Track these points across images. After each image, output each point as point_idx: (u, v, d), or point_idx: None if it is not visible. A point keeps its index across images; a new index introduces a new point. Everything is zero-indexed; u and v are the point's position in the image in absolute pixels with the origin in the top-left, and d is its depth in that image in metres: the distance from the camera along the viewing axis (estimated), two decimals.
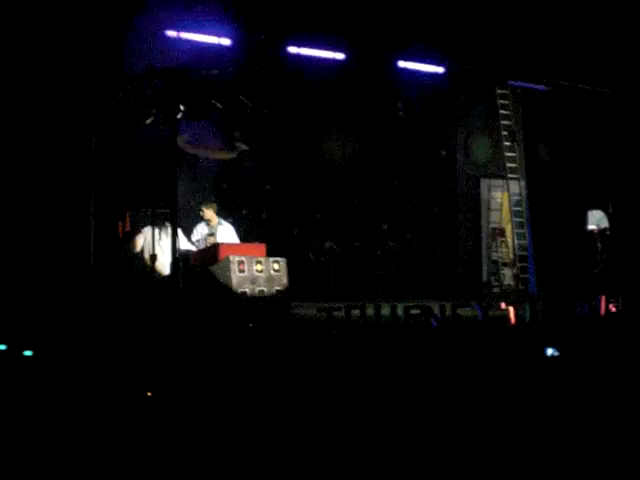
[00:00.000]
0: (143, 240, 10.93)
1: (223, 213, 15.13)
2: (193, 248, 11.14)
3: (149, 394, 7.01)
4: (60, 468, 5.42)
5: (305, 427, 6.46)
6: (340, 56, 14.76)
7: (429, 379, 8.47)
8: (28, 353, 7.90)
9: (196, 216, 11.64)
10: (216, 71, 9.81)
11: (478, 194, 18.96)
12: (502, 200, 18.99)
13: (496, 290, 18.61)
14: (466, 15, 14.03)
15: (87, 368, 7.91)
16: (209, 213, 11.31)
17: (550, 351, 9.92)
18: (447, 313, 10.92)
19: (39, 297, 9.54)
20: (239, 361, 8.65)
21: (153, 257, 9.90)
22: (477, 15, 14.05)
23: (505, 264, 18.82)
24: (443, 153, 18.46)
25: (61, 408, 6.72)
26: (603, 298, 11.94)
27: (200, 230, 11.25)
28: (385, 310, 10.78)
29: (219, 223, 11.30)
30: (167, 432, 6.19)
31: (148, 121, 10.16)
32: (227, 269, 9.88)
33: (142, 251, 11.04)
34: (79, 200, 10.16)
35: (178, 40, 12.82)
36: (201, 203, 11.59)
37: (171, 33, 12.81)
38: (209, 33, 13.10)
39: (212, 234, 11.16)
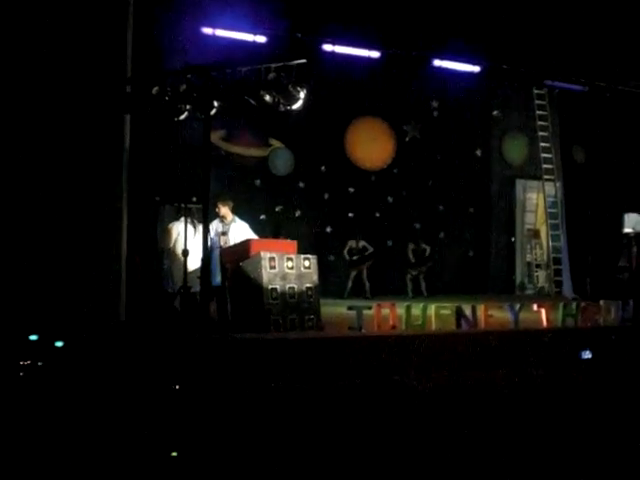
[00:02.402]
0: (176, 235, 10.97)
1: (256, 210, 15.24)
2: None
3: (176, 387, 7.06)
4: (84, 450, 5.49)
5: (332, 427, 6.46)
6: (375, 54, 14.72)
7: (461, 378, 8.43)
8: (59, 344, 7.99)
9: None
10: (250, 68, 9.80)
11: (513, 195, 18.83)
12: (537, 201, 18.83)
13: (529, 292, 18.46)
14: (503, 14, 13.90)
15: (116, 359, 7.98)
16: (224, 210, 11.18)
17: (585, 354, 9.84)
18: (478, 314, 10.84)
19: (71, 288, 9.63)
20: (265, 357, 8.67)
21: (185, 252, 9.92)
22: (514, 14, 13.92)
23: (539, 266, 18.65)
24: (478, 153, 18.34)
25: (89, 397, 6.79)
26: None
27: (215, 227, 11.16)
28: (416, 310, 10.72)
29: (233, 220, 11.19)
30: (192, 423, 6.23)
31: (182, 117, 10.20)
32: (258, 265, 9.86)
33: (174, 246, 11.08)
34: (112, 194, 10.23)
35: (213, 37, 12.89)
36: (217, 199, 11.35)
37: (207, 30, 12.87)
38: (244, 30, 13.15)
39: (225, 232, 11.06)
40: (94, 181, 10.02)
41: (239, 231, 11.06)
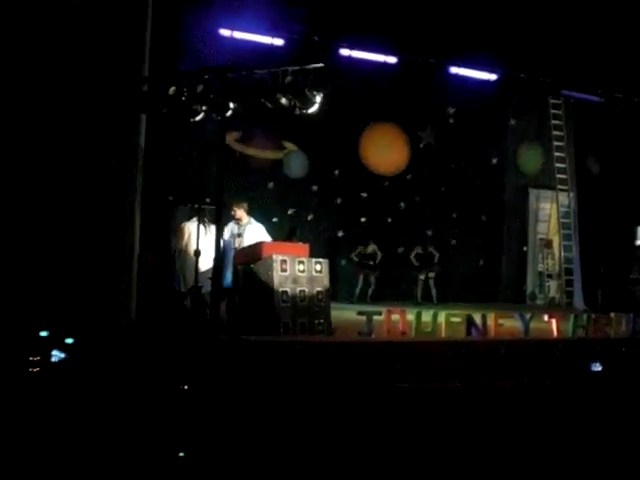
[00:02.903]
0: (187, 235, 11.01)
1: (269, 212, 15.26)
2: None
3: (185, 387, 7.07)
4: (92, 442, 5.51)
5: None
6: (392, 60, 14.71)
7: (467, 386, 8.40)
8: (69, 341, 8.02)
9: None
10: (267, 71, 9.81)
11: (526, 204, 18.78)
12: (550, 211, 18.77)
13: (540, 302, 18.40)
14: (521, 23, 13.88)
15: (125, 357, 7.99)
16: (240, 212, 11.22)
17: (594, 366, 9.80)
18: (488, 322, 10.81)
19: (83, 286, 9.65)
20: (274, 360, 8.68)
21: (197, 252, 9.94)
22: (532, 24, 13.89)
23: (550, 276, 18.58)
24: (492, 161, 18.31)
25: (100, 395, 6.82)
26: None
27: (230, 229, 11.19)
28: (426, 317, 10.70)
29: (248, 222, 11.22)
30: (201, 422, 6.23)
31: (198, 118, 10.22)
32: (269, 268, 9.86)
33: (185, 246, 11.10)
34: (126, 193, 10.24)
35: (231, 39, 12.91)
36: (232, 201, 11.39)
37: (225, 32, 12.89)
38: (262, 33, 13.17)
39: (240, 234, 11.07)
40: (108, 179, 10.04)
41: (254, 233, 11.08)
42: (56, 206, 9.78)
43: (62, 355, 7.91)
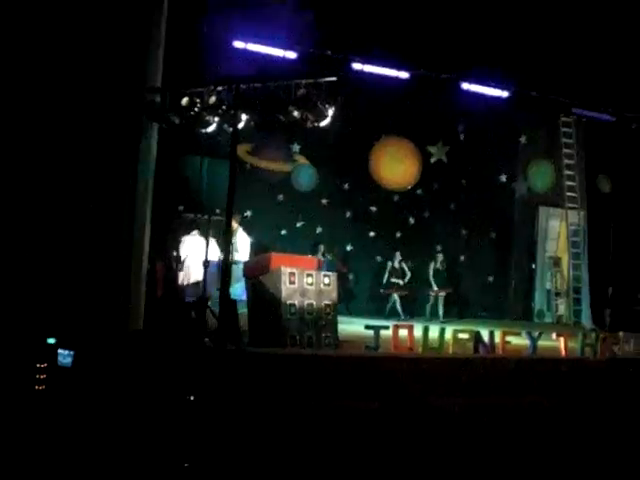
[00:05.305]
0: (186, 248, 11.01)
1: (278, 225, 15.32)
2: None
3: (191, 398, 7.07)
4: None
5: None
6: (404, 75, 14.74)
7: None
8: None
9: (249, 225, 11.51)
10: (280, 83, 9.85)
11: (536, 222, 18.73)
12: (560, 229, 18.73)
13: (548, 320, 18.33)
14: (534, 41, 13.91)
15: (131, 367, 8.00)
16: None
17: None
18: (496, 340, 10.79)
19: (90, 296, 9.67)
20: (279, 372, 8.67)
21: (206, 263, 9.96)
22: (545, 42, 13.92)
23: (558, 294, 18.51)
24: (502, 179, 18.27)
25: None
26: None
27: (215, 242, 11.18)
28: (434, 333, 10.68)
29: (236, 232, 11.22)
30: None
31: (210, 129, 10.26)
32: (278, 280, 9.88)
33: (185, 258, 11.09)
34: (136, 203, 10.27)
35: (244, 51, 12.95)
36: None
37: (238, 44, 12.94)
38: (275, 46, 13.21)
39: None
40: (119, 188, 10.09)
41: (239, 244, 11.11)
42: (67, 215, 9.81)
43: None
